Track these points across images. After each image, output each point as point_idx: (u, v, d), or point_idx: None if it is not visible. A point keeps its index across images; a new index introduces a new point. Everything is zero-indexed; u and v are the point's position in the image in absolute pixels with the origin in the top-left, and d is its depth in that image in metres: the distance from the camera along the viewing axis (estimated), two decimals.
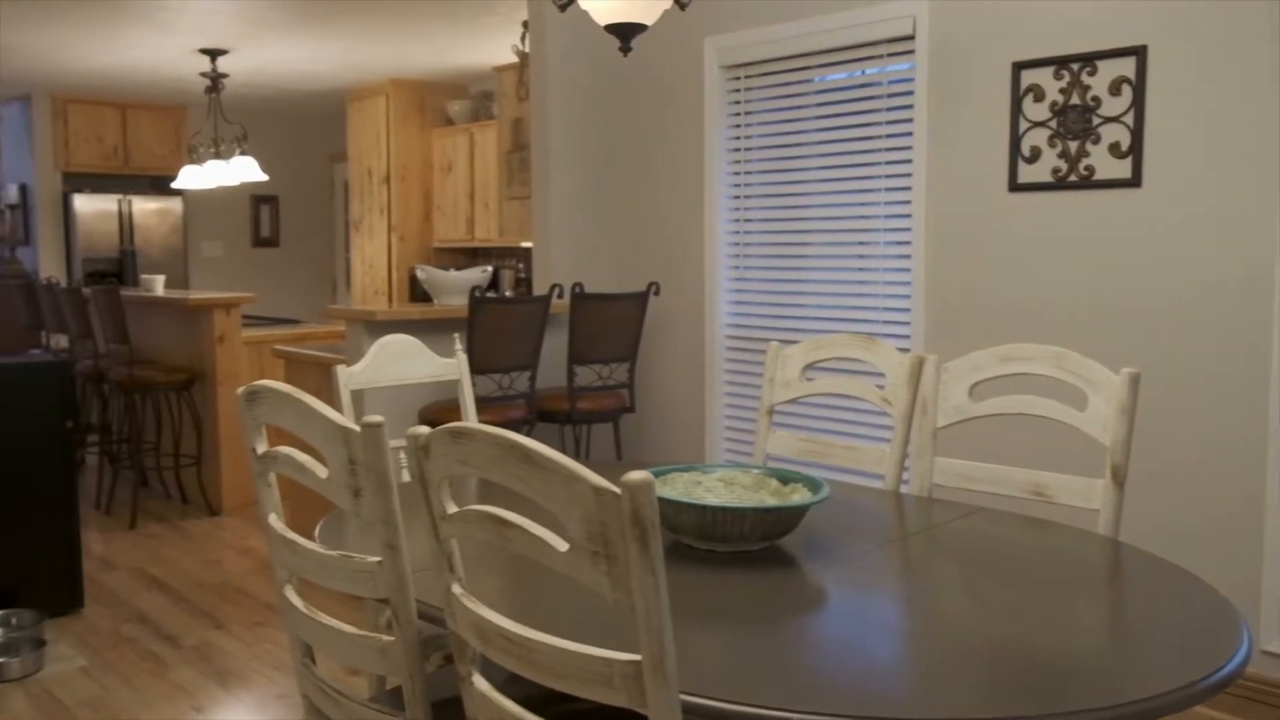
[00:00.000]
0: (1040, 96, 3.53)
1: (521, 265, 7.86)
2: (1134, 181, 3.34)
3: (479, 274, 4.63)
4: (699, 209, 4.72)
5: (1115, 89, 3.36)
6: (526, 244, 7.27)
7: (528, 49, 5.11)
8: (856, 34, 4.04)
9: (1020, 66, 3.58)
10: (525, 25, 5.21)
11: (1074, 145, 3.46)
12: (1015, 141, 3.61)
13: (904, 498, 2.49)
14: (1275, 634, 3.15)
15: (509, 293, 7.77)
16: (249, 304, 5.97)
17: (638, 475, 1.18)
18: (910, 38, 3.89)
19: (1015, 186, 3.63)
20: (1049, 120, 3.53)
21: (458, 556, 1.51)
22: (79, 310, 5.87)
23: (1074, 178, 3.48)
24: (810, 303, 4.36)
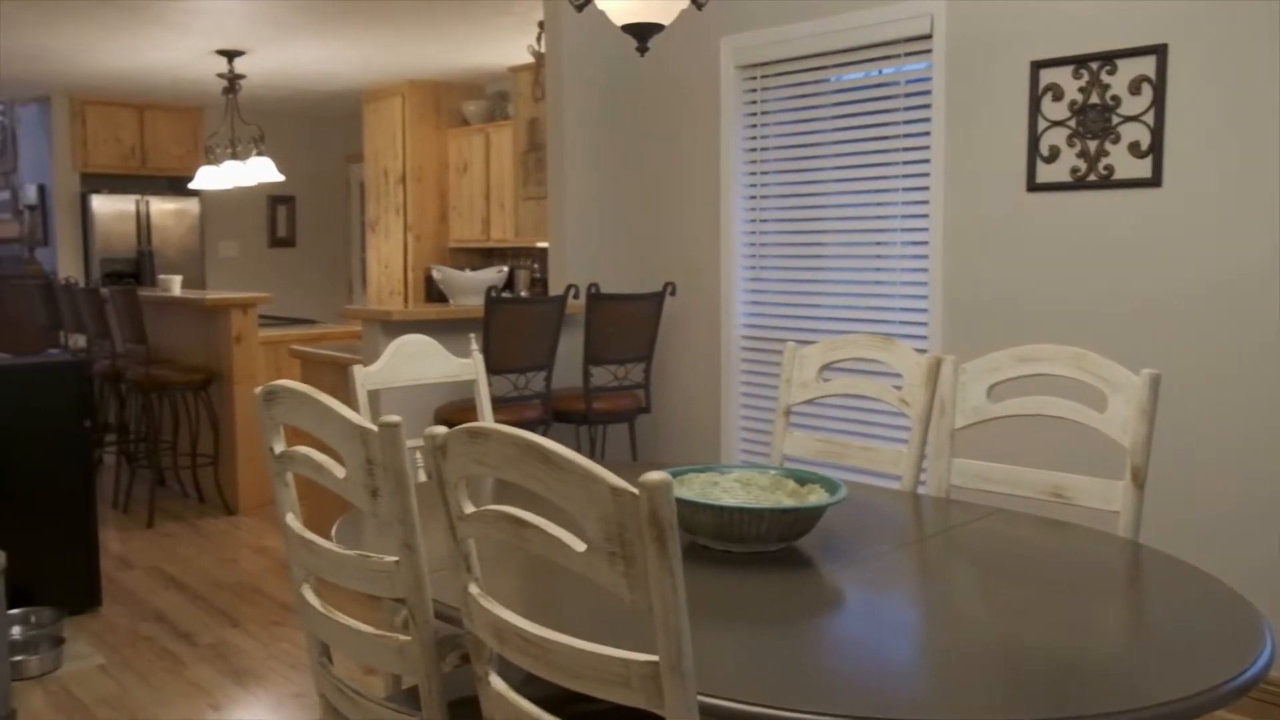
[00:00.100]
0: (1059, 96, 3.52)
1: (537, 265, 7.87)
2: (1154, 181, 3.32)
3: (495, 274, 4.63)
4: (715, 209, 4.72)
5: (1135, 88, 3.34)
6: (542, 244, 7.28)
7: (543, 49, 5.11)
8: (873, 33, 4.03)
9: (1039, 65, 3.56)
10: (541, 25, 5.22)
11: (1093, 145, 3.44)
12: (1034, 141, 3.59)
13: (921, 499, 2.48)
14: None
15: (524, 293, 7.77)
16: (265, 304, 5.99)
17: (656, 476, 1.18)
18: (927, 37, 3.88)
19: (1034, 186, 3.61)
20: (1068, 119, 3.51)
21: (475, 556, 1.51)
22: (97, 310, 5.90)
23: (1093, 177, 3.46)
24: (827, 303, 4.35)
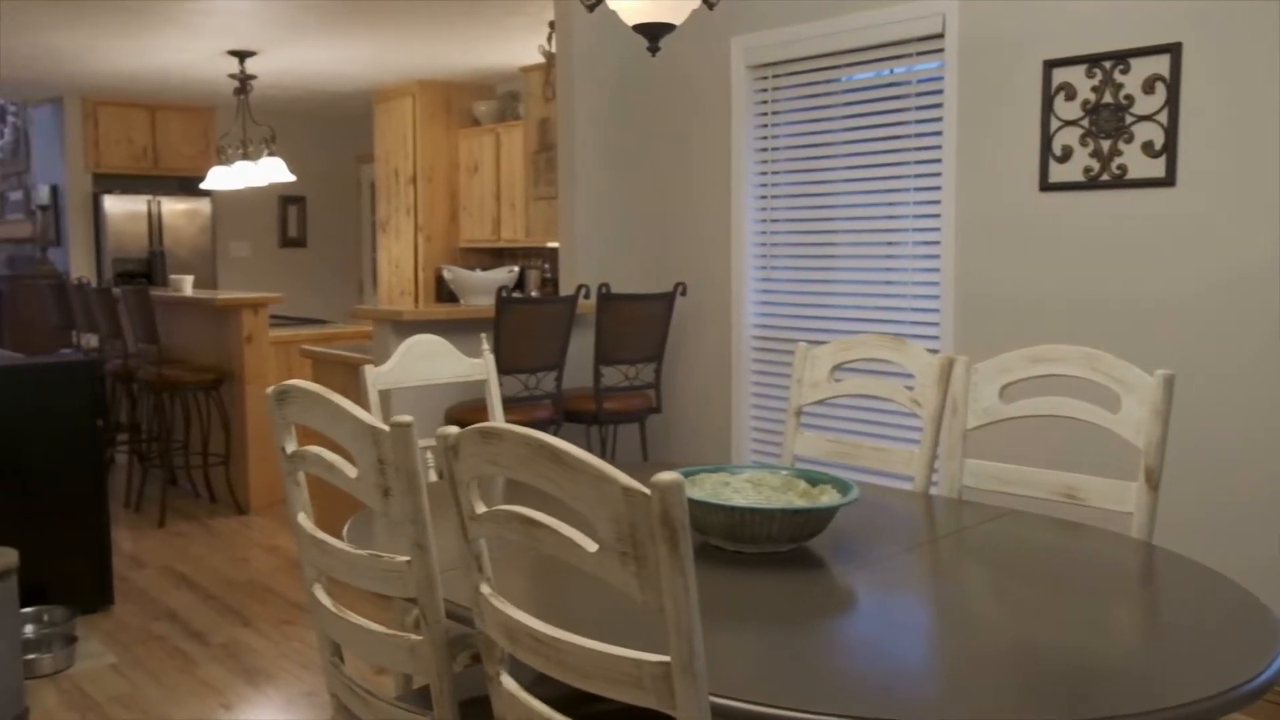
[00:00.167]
0: (1072, 95, 3.50)
1: (548, 265, 7.87)
2: (1168, 181, 3.30)
3: (505, 274, 4.64)
4: (726, 209, 4.71)
5: (1149, 87, 3.32)
6: (553, 244, 7.28)
7: (554, 49, 5.11)
8: (884, 33, 4.02)
9: (1051, 65, 3.55)
10: (552, 25, 5.22)
11: (1106, 144, 3.43)
12: (1046, 140, 3.58)
13: (933, 500, 2.47)
14: None
15: (535, 293, 7.78)
16: (277, 304, 6.01)
17: (668, 476, 1.18)
18: (939, 36, 3.87)
19: (1046, 186, 3.59)
20: (1080, 119, 3.49)
21: (486, 556, 1.51)
22: (109, 310, 5.93)
23: (1106, 177, 3.44)
24: (838, 303, 4.34)
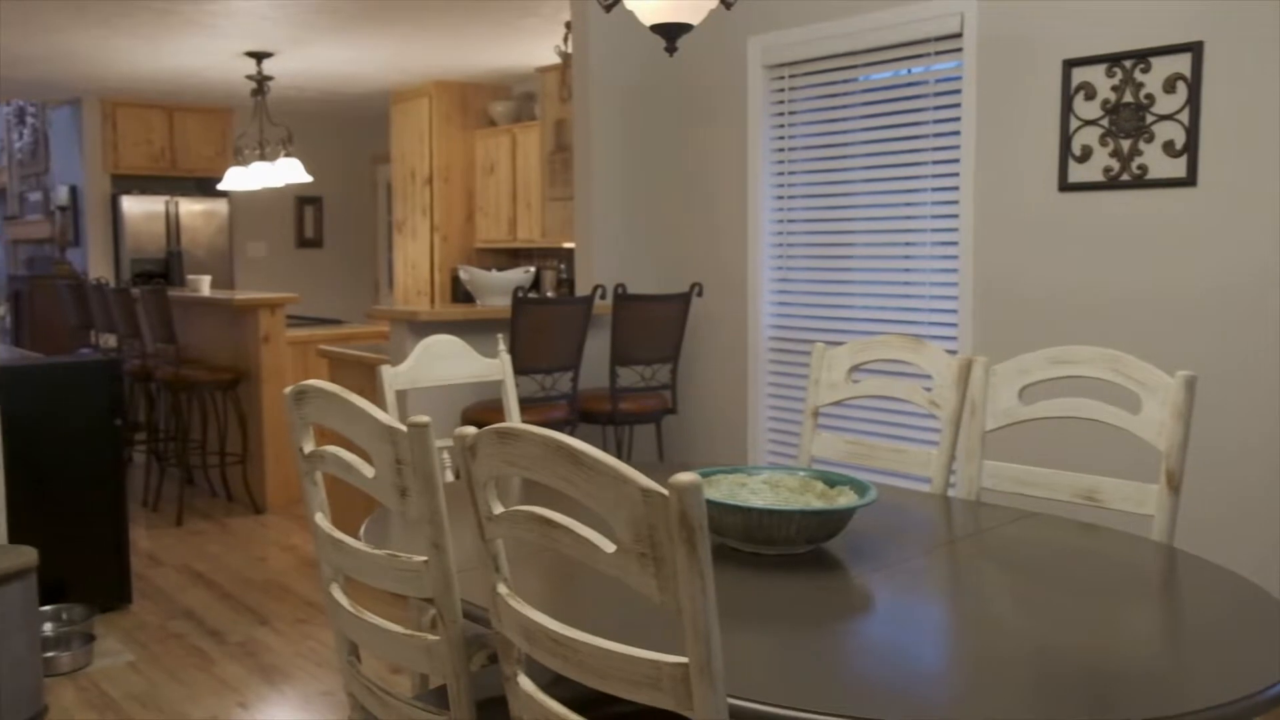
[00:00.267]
0: (1091, 94, 3.48)
1: (564, 266, 7.87)
2: (1189, 180, 3.28)
3: (521, 274, 4.64)
4: (742, 209, 4.70)
5: (1170, 86, 3.30)
6: (569, 245, 7.28)
7: (570, 50, 5.11)
8: (902, 32, 4.01)
9: (1071, 64, 3.53)
10: (568, 26, 5.22)
11: (1126, 144, 3.41)
12: (1066, 140, 3.56)
13: (952, 502, 2.46)
14: None
15: (551, 293, 7.78)
16: (293, 304, 6.03)
17: (686, 477, 1.17)
18: (958, 35, 3.85)
19: (1066, 186, 3.57)
20: (1100, 119, 3.47)
21: (503, 556, 1.51)
22: (127, 310, 5.96)
23: (1126, 177, 3.42)
24: (855, 304, 4.32)
